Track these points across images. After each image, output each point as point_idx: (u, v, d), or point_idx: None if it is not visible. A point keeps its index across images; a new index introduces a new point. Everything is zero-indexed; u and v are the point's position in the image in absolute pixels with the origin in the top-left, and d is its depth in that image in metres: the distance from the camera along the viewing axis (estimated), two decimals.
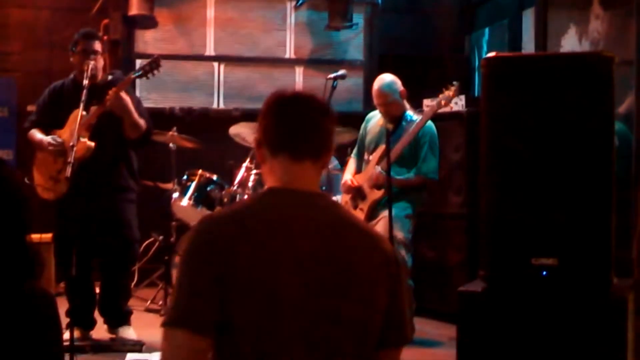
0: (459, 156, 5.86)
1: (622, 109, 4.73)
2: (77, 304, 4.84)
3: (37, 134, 4.92)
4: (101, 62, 4.88)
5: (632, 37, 4.78)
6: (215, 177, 5.58)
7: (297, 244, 1.79)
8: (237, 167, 5.66)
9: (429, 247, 5.97)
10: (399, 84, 5.19)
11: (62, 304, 2.57)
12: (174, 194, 5.62)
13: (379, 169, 5.02)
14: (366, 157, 5.27)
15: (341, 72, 5.36)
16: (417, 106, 5.46)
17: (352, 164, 5.44)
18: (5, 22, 7.22)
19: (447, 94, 5.09)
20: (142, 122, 4.79)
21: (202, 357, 1.75)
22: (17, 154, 6.87)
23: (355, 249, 1.85)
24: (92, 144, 4.70)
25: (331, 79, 5.27)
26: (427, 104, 5.50)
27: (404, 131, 5.07)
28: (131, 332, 4.97)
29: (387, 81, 5.18)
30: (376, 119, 5.33)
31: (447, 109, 5.44)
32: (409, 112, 5.22)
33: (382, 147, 4.95)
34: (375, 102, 5.21)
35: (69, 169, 4.28)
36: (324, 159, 1.93)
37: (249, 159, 5.64)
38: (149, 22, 7.21)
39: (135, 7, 6.98)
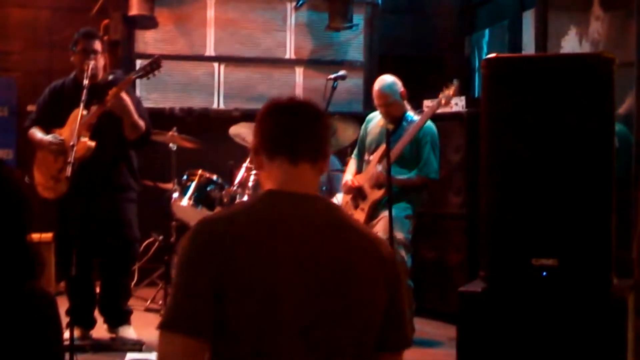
0: (459, 156, 5.86)
1: (622, 110, 4.73)
2: (77, 303, 4.84)
3: (37, 133, 4.92)
4: (101, 61, 4.89)
5: (633, 38, 4.78)
6: (215, 177, 5.58)
7: (296, 244, 1.80)
8: (237, 167, 5.66)
9: (429, 247, 5.97)
10: (400, 85, 5.19)
11: (62, 303, 2.57)
12: (174, 194, 5.61)
13: (380, 168, 5.02)
14: (367, 158, 5.27)
15: (341, 72, 5.37)
16: (417, 107, 5.46)
17: (352, 165, 5.45)
18: (5, 21, 7.21)
19: (447, 92, 5.10)
20: (141, 122, 4.79)
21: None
22: (17, 154, 6.87)
23: (353, 250, 1.86)
24: (92, 144, 4.70)
25: (331, 79, 5.27)
26: (428, 104, 5.51)
27: (404, 131, 5.07)
28: (131, 332, 4.98)
29: (387, 82, 5.18)
30: (377, 119, 5.33)
31: (447, 109, 5.44)
32: (410, 112, 5.22)
33: (382, 147, 4.95)
34: (375, 102, 5.22)
35: (69, 169, 4.28)
36: (322, 162, 1.94)
37: (249, 159, 5.64)
38: (149, 22, 7.21)
39: (135, 7, 6.98)
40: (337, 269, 1.81)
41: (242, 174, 5.53)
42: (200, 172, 5.57)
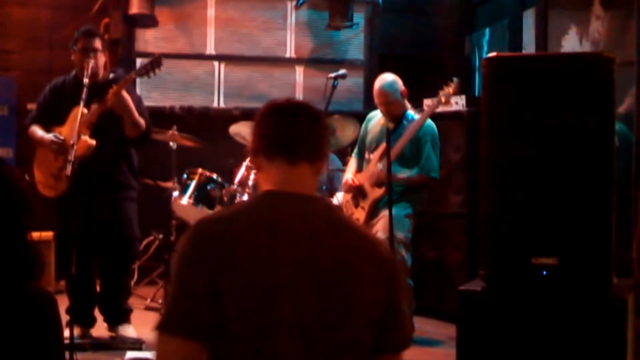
0: (459, 156, 5.86)
1: (623, 109, 4.73)
2: (77, 302, 4.83)
3: (38, 131, 4.92)
4: (102, 59, 4.88)
5: (633, 37, 4.79)
6: (215, 175, 5.58)
7: (296, 245, 1.80)
8: (237, 166, 5.66)
9: (429, 247, 5.98)
10: (400, 84, 5.20)
11: (62, 302, 2.57)
12: (174, 192, 5.61)
13: (380, 167, 5.03)
14: (367, 156, 5.27)
15: (341, 71, 5.37)
16: (417, 106, 5.47)
17: (353, 163, 5.45)
18: (5, 20, 7.21)
19: (446, 90, 5.10)
20: (142, 121, 4.79)
21: None
22: (17, 153, 6.87)
23: (353, 250, 1.86)
24: (92, 142, 4.70)
25: (332, 78, 5.27)
26: (428, 103, 5.51)
27: (404, 130, 5.08)
28: (131, 330, 4.98)
29: (388, 81, 5.18)
30: (377, 118, 5.33)
31: (447, 108, 5.44)
32: (410, 111, 5.22)
33: (382, 146, 4.95)
34: (376, 101, 5.22)
35: (70, 167, 4.28)
36: (320, 163, 1.95)
37: (249, 158, 5.63)
38: (149, 21, 7.21)
39: (135, 6, 6.98)
40: (337, 269, 1.81)
41: (242, 172, 5.52)
42: (200, 170, 5.57)
